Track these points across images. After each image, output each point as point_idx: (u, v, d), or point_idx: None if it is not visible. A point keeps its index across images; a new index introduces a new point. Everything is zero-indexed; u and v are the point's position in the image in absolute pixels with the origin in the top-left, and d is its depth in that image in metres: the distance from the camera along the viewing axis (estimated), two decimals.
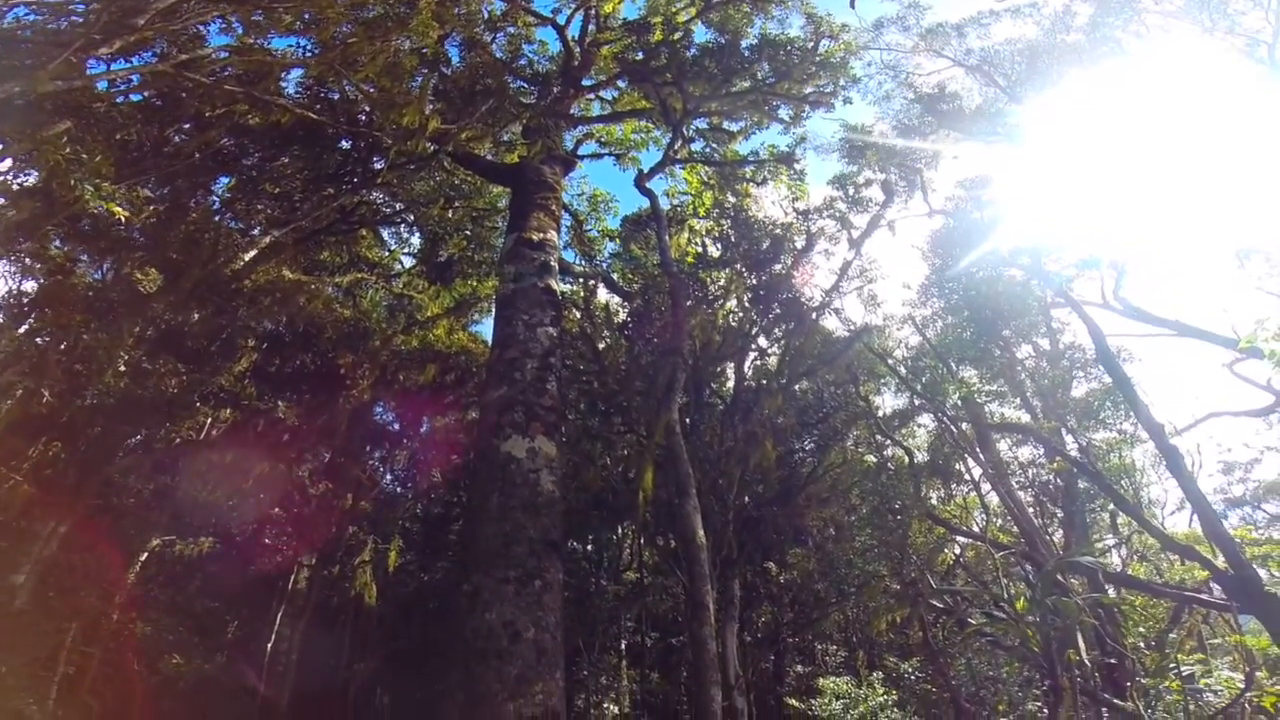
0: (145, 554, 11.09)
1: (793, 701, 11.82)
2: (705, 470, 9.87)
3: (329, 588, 15.60)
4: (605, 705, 12.58)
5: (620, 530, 16.31)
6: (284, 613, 13.74)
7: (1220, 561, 8.55)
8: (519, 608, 5.56)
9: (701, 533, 6.96)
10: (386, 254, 14.64)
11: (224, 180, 11.38)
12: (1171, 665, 10.32)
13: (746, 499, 11.61)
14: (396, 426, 14.14)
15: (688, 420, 10.38)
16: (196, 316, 10.21)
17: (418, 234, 13.37)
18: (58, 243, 8.86)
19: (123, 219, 7.00)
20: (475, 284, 12.34)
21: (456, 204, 13.03)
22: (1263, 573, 8.57)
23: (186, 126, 10.09)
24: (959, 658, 12.89)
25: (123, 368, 8.64)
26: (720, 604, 9.26)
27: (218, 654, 12.64)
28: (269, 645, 13.04)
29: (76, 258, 9.58)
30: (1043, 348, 13.66)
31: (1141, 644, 11.13)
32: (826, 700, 10.33)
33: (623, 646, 14.41)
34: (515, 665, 5.43)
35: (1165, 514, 17.28)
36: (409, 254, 14.76)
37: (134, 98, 8.82)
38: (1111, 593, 12.11)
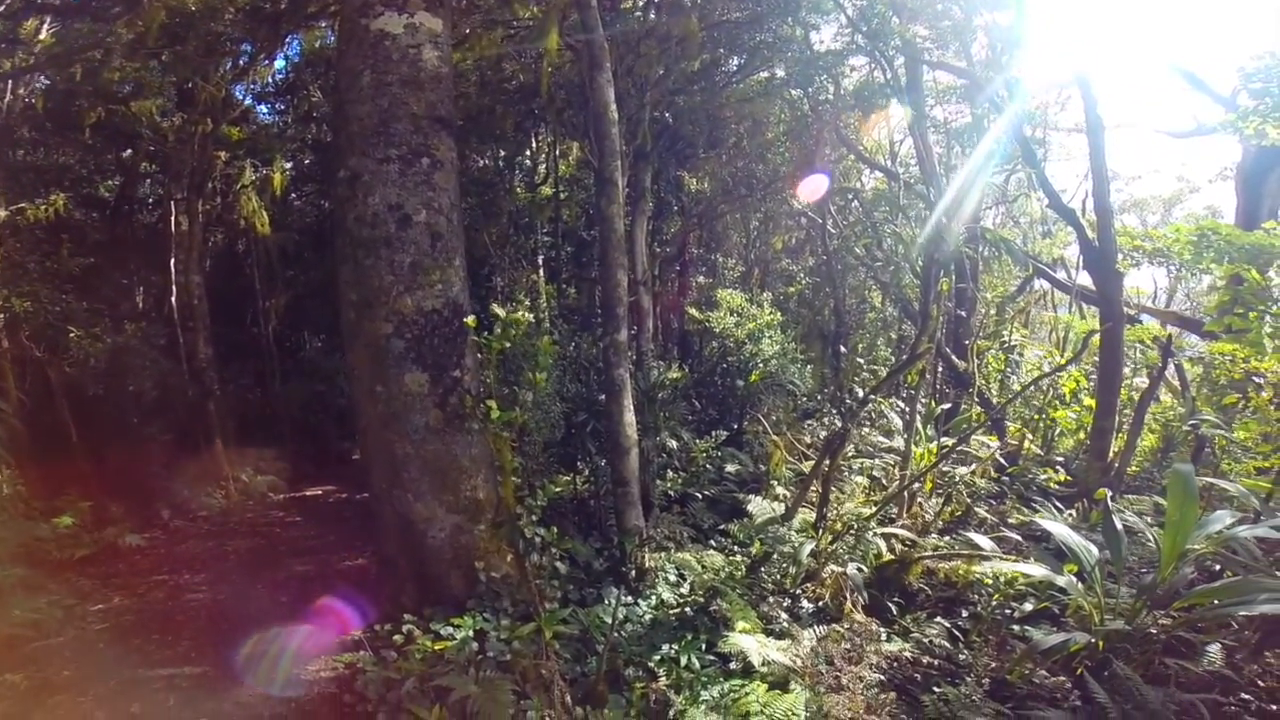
0: None
1: (694, 311, 12.71)
2: (621, 56, 8.80)
3: (217, 222, 14.57)
4: (521, 313, 13.21)
5: (535, 143, 15.42)
6: (177, 260, 12.81)
7: (1090, 233, 9.16)
8: (405, 189, 5.02)
9: (614, 108, 6.28)
10: None
11: None
12: (1004, 334, 11.90)
13: (665, 113, 10.85)
14: (246, 46, 11.44)
15: (604, 5, 8.92)
16: None
17: None
18: None
19: None
20: None
21: None
22: None
23: None
24: (840, 286, 14.37)
25: None
26: (631, 197, 9.13)
27: (124, 323, 11.86)
28: (172, 299, 12.36)
29: None
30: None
31: (983, 309, 12.63)
32: (723, 314, 11.31)
33: (540, 261, 14.61)
34: (408, 253, 5.08)
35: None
36: None
37: None
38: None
